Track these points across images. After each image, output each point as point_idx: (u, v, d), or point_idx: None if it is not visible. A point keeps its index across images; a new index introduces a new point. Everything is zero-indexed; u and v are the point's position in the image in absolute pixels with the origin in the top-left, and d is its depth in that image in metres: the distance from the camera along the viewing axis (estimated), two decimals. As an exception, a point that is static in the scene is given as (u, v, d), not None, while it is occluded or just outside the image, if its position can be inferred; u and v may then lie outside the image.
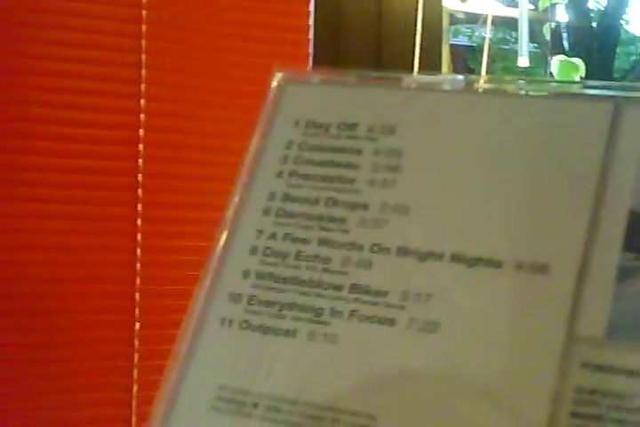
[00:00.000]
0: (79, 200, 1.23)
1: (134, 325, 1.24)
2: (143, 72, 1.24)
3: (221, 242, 0.36)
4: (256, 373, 0.34)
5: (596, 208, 0.31)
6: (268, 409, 0.33)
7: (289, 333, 0.34)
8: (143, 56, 1.24)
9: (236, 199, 0.36)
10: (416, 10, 1.37)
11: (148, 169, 1.25)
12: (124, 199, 1.25)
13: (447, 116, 0.35)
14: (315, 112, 0.37)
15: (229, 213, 0.36)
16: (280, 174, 0.36)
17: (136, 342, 1.24)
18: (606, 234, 0.31)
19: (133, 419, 1.23)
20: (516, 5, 1.97)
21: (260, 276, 0.35)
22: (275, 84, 0.37)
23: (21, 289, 1.20)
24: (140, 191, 1.25)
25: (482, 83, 0.35)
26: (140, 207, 1.25)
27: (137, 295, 1.25)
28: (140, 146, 1.24)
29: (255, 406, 0.33)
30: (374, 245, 0.34)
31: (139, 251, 1.25)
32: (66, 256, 1.22)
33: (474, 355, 0.31)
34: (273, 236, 0.36)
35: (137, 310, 1.24)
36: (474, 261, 0.32)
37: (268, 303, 0.35)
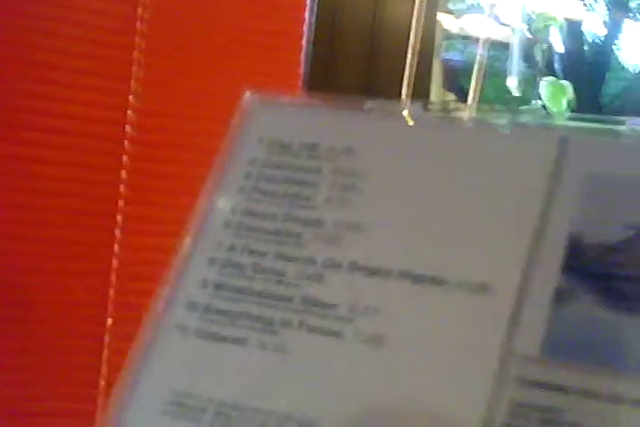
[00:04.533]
0: (61, 193, 1.23)
1: (106, 320, 1.25)
2: (132, 83, 1.25)
3: (183, 252, 0.37)
4: (207, 379, 0.35)
5: (539, 231, 0.32)
6: (217, 414, 0.33)
7: (240, 341, 0.35)
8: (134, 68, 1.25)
9: (200, 211, 0.38)
10: (409, 24, 1.38)
11: (133, 166, 1.26)
12: (106, 195, 1.25)
13: (403, 140, 0.37)
14: (279, 132, 0.38)
15: (192, 224, 0.37)
16: (242, 189, 0.38)
17: (106, 338, 1.25)
18: (546, 256, 0.32)
19: (98, 414, 1.24)
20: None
21: (217, 286, 0.36)
22: (244, 104, 0.39)
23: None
24: (121, 187, 1.25)
25: (439, 110, 0.37)
26: (121, 203, 1.26)
27: (111, 291, 1.25)
28: (124, 157, 1.25)
29: (204, 411, 0.34)
30: (327, 259, 0.35)
31: (116, 247, 1.25)
32: (42, 248, 1.22)
33: (414, 368, 0.32)
34: (232, 248, 0.37)
35: (110, 306, 1.25)
36: (419, 279, 0.33)
37: (223, 312, 0.36)
